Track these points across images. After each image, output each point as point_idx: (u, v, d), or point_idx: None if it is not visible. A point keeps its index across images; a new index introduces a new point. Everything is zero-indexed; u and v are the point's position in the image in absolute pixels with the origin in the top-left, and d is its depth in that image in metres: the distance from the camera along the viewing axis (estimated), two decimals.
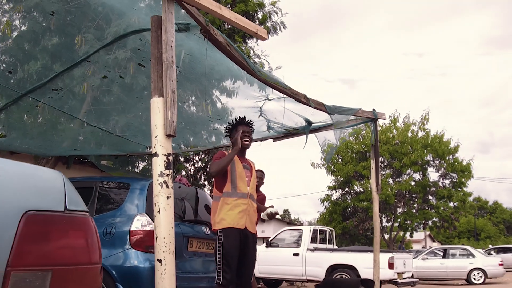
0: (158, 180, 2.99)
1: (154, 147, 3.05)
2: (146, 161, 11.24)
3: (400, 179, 26.13)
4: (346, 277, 11.56)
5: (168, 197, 2.97)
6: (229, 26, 10.10)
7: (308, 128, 6.54)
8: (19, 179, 1.64)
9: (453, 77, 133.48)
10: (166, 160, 3.02)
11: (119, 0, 4.47)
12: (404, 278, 12.24)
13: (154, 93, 3.13)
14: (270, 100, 5.68)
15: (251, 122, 5.04)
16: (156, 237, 2.93)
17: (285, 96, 5.37)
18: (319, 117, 6.24)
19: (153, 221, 4.90)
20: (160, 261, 2.89)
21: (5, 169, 1.63)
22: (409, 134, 25.45)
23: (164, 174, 2.99)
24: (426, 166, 26.03)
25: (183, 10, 3.64)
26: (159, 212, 2.94)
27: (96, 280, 1.83)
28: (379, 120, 6.84)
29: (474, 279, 18.36)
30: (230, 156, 4.70)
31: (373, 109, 6.52)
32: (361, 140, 25.06)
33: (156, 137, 3.05)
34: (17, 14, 5.64)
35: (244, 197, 4.74)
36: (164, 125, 3.06)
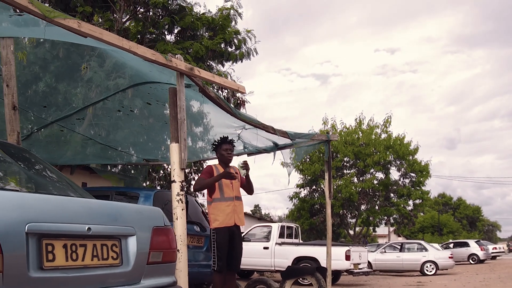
0: (175, 198, 4.51)
1: (173, 176, 4.56)
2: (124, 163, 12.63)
3: (364, 177, 27.45)
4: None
5: (182, 209, 4.50)
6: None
7: (275, 149, 7.95)
8: (149, 213, 3.32)
9: (423, 74, 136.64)
10: (181, 185, 4.55)
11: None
12: (360, 269, 13.71)
13: (172, 140, 4.63)
14: (246, 129, 7.06)
15: (232, 140, 6.21)
16: (175, 235, 4.49)
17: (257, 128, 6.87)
18: (284, 141, 7.64)
19: None
20: (178, 250, 4.45)
21: (143, 210, 3.30)
22: (373, 136, 26.74)
23: (180, 194, 4.53)
24: (389, 166, 27.32)
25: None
26: (177, 219, 4.49)
27: (175, 256, 3.52)
28: (331, 141, 8.13)
29: (427, 270, 19.90)
30: (214, 180, 5.82)
31: (327, 133, 8.14)
32: None
33: (174, 169, 4.58)
34: (32, 44, 6.48)
35: (231, 200, 5.90)
36: (179, 162, 4.60)
